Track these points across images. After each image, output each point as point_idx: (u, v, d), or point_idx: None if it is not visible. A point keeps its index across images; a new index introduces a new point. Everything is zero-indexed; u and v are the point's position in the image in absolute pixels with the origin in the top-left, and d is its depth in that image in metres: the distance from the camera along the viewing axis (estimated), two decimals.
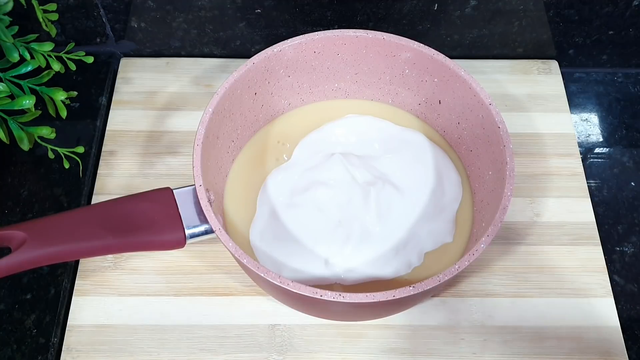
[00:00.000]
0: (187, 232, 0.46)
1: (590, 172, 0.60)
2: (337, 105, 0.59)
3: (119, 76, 0.65)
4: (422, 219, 0.52)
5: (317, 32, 0.52)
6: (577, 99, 0.65)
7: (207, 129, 0.48)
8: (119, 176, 0.58)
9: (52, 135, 0.53)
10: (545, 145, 0.60)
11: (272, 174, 0.55)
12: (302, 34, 0.52)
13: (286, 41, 0.52)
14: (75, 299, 0.52)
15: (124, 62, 0.66)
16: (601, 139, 0.63)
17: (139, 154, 0.60)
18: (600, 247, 0.55)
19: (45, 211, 0.56)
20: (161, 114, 0.62)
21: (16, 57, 0.51)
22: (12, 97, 0.51)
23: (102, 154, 0.60)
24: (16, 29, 0.52)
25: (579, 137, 0.62)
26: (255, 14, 0.62)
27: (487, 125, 0.49)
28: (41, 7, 0.52)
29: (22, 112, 0.53)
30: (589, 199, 0.57)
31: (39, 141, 0.54)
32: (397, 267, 0.50)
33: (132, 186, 0.58)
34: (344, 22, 0.62)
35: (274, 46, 0.51)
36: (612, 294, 0.53)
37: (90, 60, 0.55)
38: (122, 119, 0.62)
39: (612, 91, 0.66)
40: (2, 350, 0.50)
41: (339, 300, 0.41)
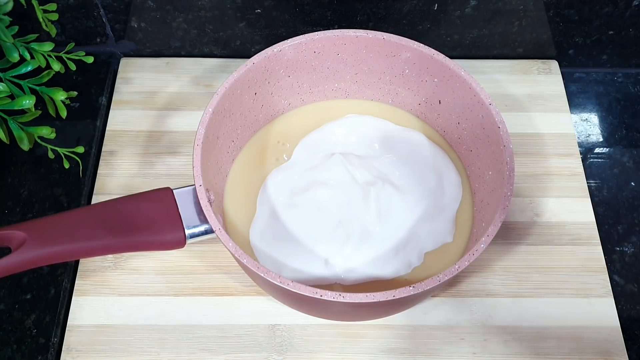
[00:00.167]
0: (187, 232, 0.46)
1: (590, 172, 0.60)
2: (337, 105, 0.59)
3: (119, 76, 0.65)
4: (422, 219, 0.52)
5: (317, 32, 0.52)
6: (577, 99, 0.65)
7: (207, 129, 0.48)
8: (119, 176, 0.58)
9: (52, 135, 0.53)
10: (545, 145, 0.60)
11: (272, 174, 0.55)
12: (302, 34, 0.52)
13: (286, 41, 0.52)
14: (75, 299, 0.52)
15: (124, 62, 0.66)
16: (601, 139, 0.63)
17: (139, 154, 0.60)
18: (600, 247, 0.55)
19: (45, 211, 0.56)
20: (161, 114, 0.62)
21: (16, 57, 0.51)
22: (12, 97, 0.51)
23: (102, 154, 0.60)
24: (16, 29, 0.52)
25: (579, 137, 0.62)
26: (255, 14, 0.62)
27: (487, 125, 0.49)
28: (41, 7, 0.52)
29: (22, 112, 0.53)
30: (589, 199, 0.57)
31: (39, 141, 0.54)
32: (397, 267, 0.50)
33: (132, 186, 0.58)
34: (344, 22, 0.62)
35: (274, 46, 0.51)
36: (612, 294, 0.53)
37: (90, 60, 0.55)
38: (122, 119, 0.62)
39: (612, 91, 0.66)
40: (2, 350, 0.50)
41: (339, 300, 0.41)
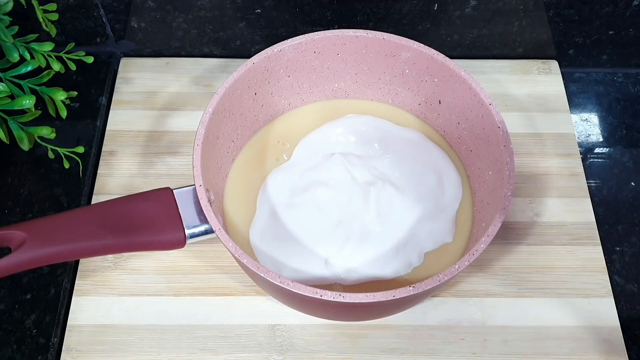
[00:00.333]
0: (187, 232, 0.46)
1: (590, 172, 0.60)
2: (337, 105, 0.59)
3: (119, 76, 0.65)
4: (422, 219, 0.52)
5: (317, 32, 0.52)
6: (577, 99, 0.65)
7: (207, 129, 0.48)
8: (119, 176, 0.58)
9: (52, 135, 0.53)
10: (545, 145, 0.60)
11: (272, 174, 0.55)
12: (302, 34, 0.52)
13: (286, 41, 0.52)
14: (75, 299, 0.52)
15: (124, 62, 0.66)
16: (601, 139, 0.63)
17: (139, 154, 0.60)
18: (600, 247, 0.55)
19: (45, 211, 0.56)
20: (161, 114, 0.62)
21: (16, 57, 0.51)
22: (12, 97, 0.51)
23: (102, 154, 0.60)
24: (16, 29, 0.52)
25: (579, 137, 0.62)
26: (255, 14, 0.62)
27: (487, 125, 0.49)
28: (41, 7, 0.52)
29: (22, 112, 0.53)
30: (589, 199, 0.57)
31: (39, 141, 0.54)
32: (397, 267, 0.50)
33: (132, 186, 0.58)
34: (344, 22, 0.62)
35: (274, 46, 0.51)
36: (612, 294, 0.53)
37: (90, 60, 0.55)
38: (122, 119, 0.62)
39: (612, 91, 0.66)
40: (2, 350, 0.50)
41: (339, 300, 0.41)
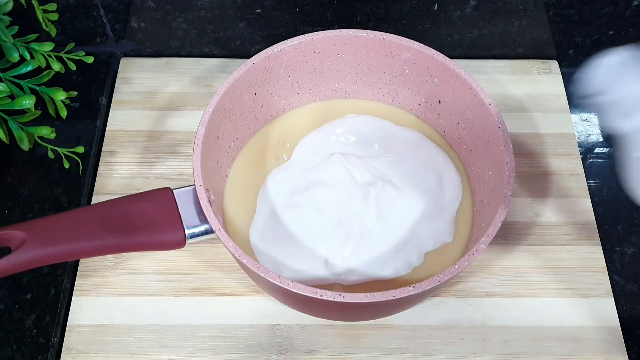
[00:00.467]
0: (187, 232, 0.46)
1: (590, 172, 0.60)
2: (337, 105, 0.59)
3: (119, 76, 0.65)
4: (422, 219, 0.52)
5: (317, 32, 0.52)
6: (577, 99, 0.65)
7: (207, 129, 0.48)
8: (119, 176, 0.58)
9: (52, 135, 0.53)
10: (545, 145, 0.60)
11: (272, 174, 0.55)
12: (302, 34, 0.52)
13: (286, 41, 0.52)
14: (75, 299, 0.52)
15: (124, 62, 0.66)
16: (601, 139, 0.63)
17: (139, 154, 0.60)
18: (600, 247, 0.55)
19: (45, 211, 0.56)
20: (161, 114, 0.62)
21: (16, 57, 0.51)
22: (12, 97, 0.51)
23: (102, 154, 0.60)
24: (16, 29, 0.52)
25: (579, 137, 0.62)
26: (255, 14, 0.62)
27: (487, 125, 0.49)
28: (41, 7, 0.52)
29: (22, 112, 0.53)
30: (589, 199, 0.57)
31: (39, 141, 0.54)
32: (397, 267, 0.50)
33: (132, 186, 0.58)
34: (344, 22, 0.62)
35: (274, 46, 0.51)
36: (612, 294, 0.53)
37: (90, 60, 0.55)
38: (122, 119, 0.62)
39: None
40: (2, 350, 0.50)
41: (339, 300, 0.41)
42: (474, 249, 0.43)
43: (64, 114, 0.54)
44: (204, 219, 0.45)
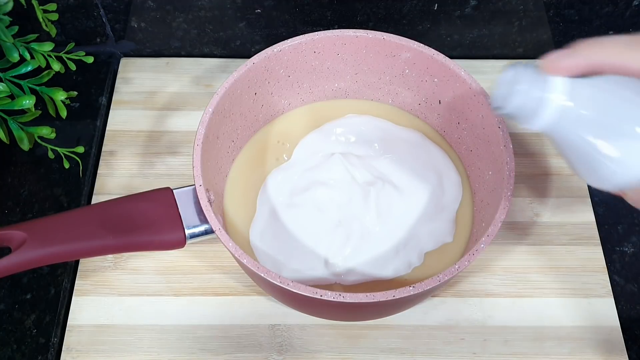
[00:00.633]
0: (187, 232, 0.46)
1: None
2: (337, 105, 0.59)
3: (119, 76, 0.65)
4: (422, 218, 0.52)
5: (317, 32, 0.52)
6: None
7: (207, 129, 0.48)
8: (119, 176, 0.58)
9: (52, 135, 0.53)
10: (545, 145, 0.60)
11: (272, 174, 0.54)
12: (302, 34, 0.52)
13: (286, 41, 0.52)
14: (75, 299, 0.52)
15: (124, 62, 0.66)
16: None
17: (139, 154, 0.60)
18: (600, 247, 0.55)
19: (45, 211, 0.56)
20: (161, 114, 0.62)
21: (16, 57, 0.51)
22: (12, 97, 0.51)
23: (102, 154, 0.60)
24: (16, 29, 0.52)
25: None
26: (255, 14, 0.62)
27: (487, 125, 0.49)
28: (41, 7, 0.52)
29: (22, 112, 0.53)
30: (589, 199, 0.57)
31: (39, 141, 0.54)
32: (397, 267, 0.50)
33: (132, 186, 0.58)
34: (344, 22, 0.62)
35: (274, 46, 0.51)
36: (612, 294, 0.53)
37: (90, 60, 0.55)
38: (122, 119, 0.62)
39: None
40: (2, 350, 0.50)
41: (339, 300, 0.41)
42: (474, 249, 0.43)
43: (64, 114, 0.54)
44: (204, 219, 0.45)
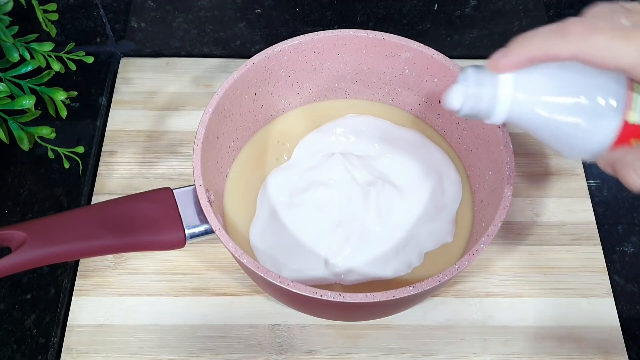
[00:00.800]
0: (187, 232, 0.46)
1: (590, 172, 0.59)
2: (337, 105, 0.59)
3: (119, 76, 0.65)
4: (422, 218, 0.52)
5: (317, 32, 0.52)
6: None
7: (207, 129, 0.48)
8: (119, 176, 0.58)
9: (52, 135, 0.53)
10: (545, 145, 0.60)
11: (272, 174, 0.54)
12: (302, 34, 0.52)
13: (286, 41, 0.52)
14: (75, 299, 0.52)
15: (124, 62, 0.66)
16: None
17: (139, 154, 0.60)
18: (600, 247, 0.55)
19: (45, 211, 0.56)
20: (161, 114, 0.62)
21: (16, 57, 0.51)
22: (12, 97, 0.51)
23: (102, 154, 0.60)
24: (16, 29, 0.52)
25: None
26: (255, 14, 0.62)
27: (487, 125, 0.49)
28: (41, 7, 0.52)
29: (22, 112, 0.53)
30: (589, 199, 0.57)
31: (39, 141, 0.54)
32: (397, 267, 0.50)
33: (132, 186, 0.58)
34: (344, 22, 0.62)
35: (274, 46, 0.51)
36: (612, 294, 0.53)
37: (90, 60, 0.55)
38: (122, 119, 0.62)
39: None
40: (2, 350, 0.50)
41: (339, 300, 0.41)
42: (474, 249, 0.43)
43: (64, 114, 0.54)
44: (204, 219, 0.45)
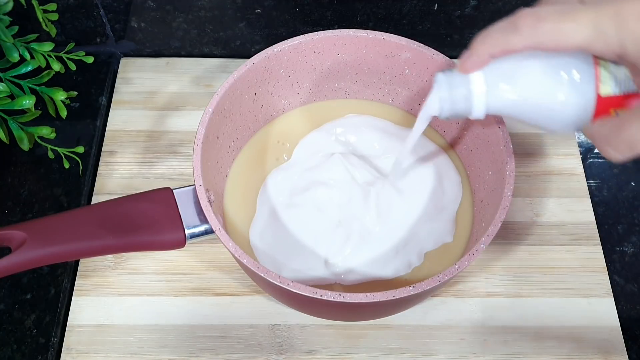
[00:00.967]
0: (187, 232, 0.46)
1: (590, 172, 0.60)
2: (337, 105, 0.59)
3: (119, 76, 0.65)
4: (422, 218, 0.52)
5: (317, 32, 0.52)
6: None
7: (207, 129, 0.48)
8: (119, 176, 0.58)
9: (52, 135, 0.53)
10: (545, 145, 0.60)
11: (272, 174, 0.54)
12: (302, 34, 0.52)
13: (286, 41, 0.52)
14: (75, 299, 0.52)
15: (124, 62, 0.66)
16: None
17: (139, 154, 0.60)
18: (600, 247, 0.55)
19: (45, 211, 0.56)
20: (161, 114, 0.62)
21: (16, 57, 0.51)
22: (12, 97, 0.51)
23: (102, 154, 0.60)
24: (16, 29, 0.52)
25: (578, 137, 0.62)
26: (255, 14, 0.62)
27: (487, 125, 0.49)
28: (41, 7, 0.52)
29: (22, 112, 0.53)
30: (589, 199, 0.57)
31: (39, 141, 0.54)
32: (397, 267, 0.50)
33: (132, 186, 0.58)
34: (344, 22, 0.62)
35: (274, 46, 0.51)
36: (612, 294, 0.53)
37: (90, 60, 0.55)
38: (122, 119, 0.62)
39: None
40: (2, 350, 0.50)
41: (339, 300, 0.41)
42: (474, 249, 0.43)
43: (64, 114, 0.54)
44: (204, 219, 0.45)
